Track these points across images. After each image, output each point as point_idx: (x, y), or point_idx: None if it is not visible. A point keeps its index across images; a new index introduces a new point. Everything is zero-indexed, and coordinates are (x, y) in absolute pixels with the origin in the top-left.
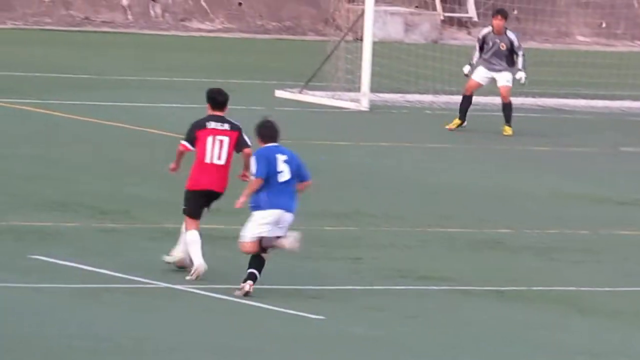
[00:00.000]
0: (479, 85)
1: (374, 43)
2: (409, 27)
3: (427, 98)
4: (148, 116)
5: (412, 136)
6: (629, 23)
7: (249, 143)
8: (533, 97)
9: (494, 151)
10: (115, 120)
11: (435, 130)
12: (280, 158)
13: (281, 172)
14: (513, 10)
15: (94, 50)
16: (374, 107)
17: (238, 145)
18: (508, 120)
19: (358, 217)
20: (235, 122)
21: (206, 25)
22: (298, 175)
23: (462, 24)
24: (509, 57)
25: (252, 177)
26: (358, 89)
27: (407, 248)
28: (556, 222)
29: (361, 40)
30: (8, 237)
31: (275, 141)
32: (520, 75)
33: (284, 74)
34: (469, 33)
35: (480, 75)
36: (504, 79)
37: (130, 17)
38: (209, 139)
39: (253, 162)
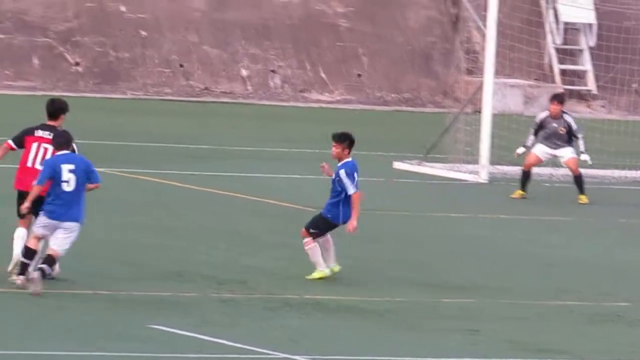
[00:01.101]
0: (539, 161)
1: (493, 115)
2: (528, 99)
3: (546, 171)
4: (265, 186)
5: (530, 209)
6: None
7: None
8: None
9: (612, 224)
10: (232, 190)
11: (552, 203)
12: None
13: None
14: (632, 83)
15: (212, 121)
16: (492, 179)
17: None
18: (582, 191)
19: (475, 289)
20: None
21: (325, 97)
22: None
23: (582, 96)
24: (569, 138)
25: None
26: (477, 161)
27: (524, 320)
28: None
29: (480, 112)
30: (126, 307)
31: None
32: (585, 157)
33: (402, 145)
34: (589, 106)
35: (541, 151)
36: (568, 153)
37: (249, 87)
38: (34, 145)
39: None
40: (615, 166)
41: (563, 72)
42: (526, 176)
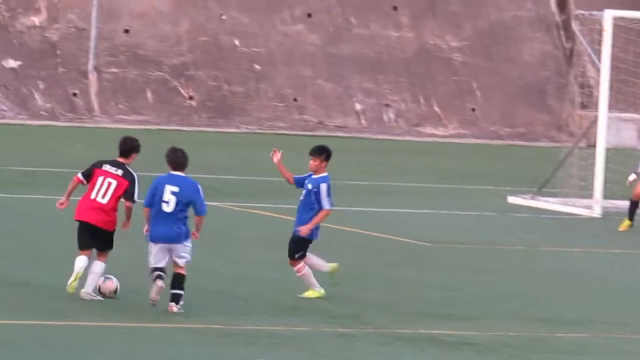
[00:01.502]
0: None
1: (607, 150)
2: None
3: None
4: (379, 221)
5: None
6: None
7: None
8: None
9: None
10: (346, 225)
11: None
12: None
13: None
14: None
15: None
16: (606, 214)
17: (126, 193)
18: None
19: (589, 324)
20: (131, 171)
21: (439, 131)
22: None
23: None
24: None
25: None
26: (590, 196)
27: (638, 355)
28: None
29: (594, 146)
30: (240, 341)
31: None
32: None
33: (516, 180)
34: None
35: None
36: None
37: (363, 122)
38: (100, 179)
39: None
40: None
41: None
42: (635, 206)
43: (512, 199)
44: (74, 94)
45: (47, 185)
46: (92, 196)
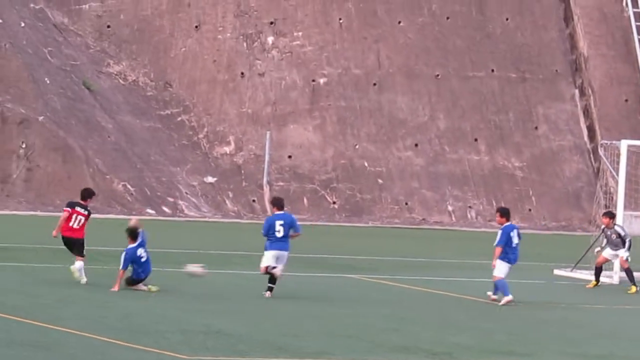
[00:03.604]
0: (606, 260)
1: None
2: None
3: None
4: (465, 287)
5: None
6: None
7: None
8: None
9: None
10: (443, 290)
11: None
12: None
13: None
14: None
15: (428, 242)
16: (623, 281)
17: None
18: (632, 281)
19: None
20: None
21: None
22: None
23: None
24: (622, 241)
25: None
26: (611, 269)
27: None
28: None
29: None
30: None
31: None
32: (625, 254)
33: (561, 258)
34: None
35: (607, 253)
36: (620, 253)
37: (454, 218)
38: (74, 215)
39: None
40: None
41: None
42: (600, 270)
43: (557, 272)
44: (254, 200)
45: (239, 264)
46: (71, 224)
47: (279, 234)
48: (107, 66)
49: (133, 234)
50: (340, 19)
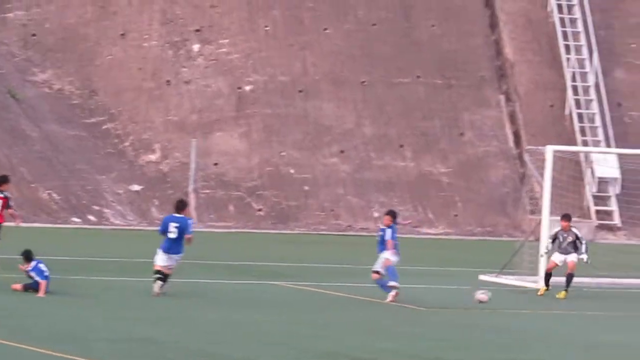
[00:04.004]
0: (556, 265)
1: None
2: None
3: (587, 280)
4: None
5: (578, 305)
6: None
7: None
8: None
9: None
10: (368, 296)
11: (590, 305)
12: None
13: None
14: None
15: (354, 249)
16: (550, 286)
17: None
18: (568, 286)
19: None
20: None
21: (432, 230)
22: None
23: (610, 228)
24: (575, 245)
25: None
26: (536, 274)
27: None
28: None
29: (539, 240)
30: None
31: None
32: (584, 256)
33: (486, 264)
34: (615, 235)
35: (557, 258)
36: (572, 257)
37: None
38: None
39: None
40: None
41: (597, 212)
42: (549, 276)
43: (482, 277)
44: None
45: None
46: None
47: (172, 235)
48: (32, 75)
49: (28, 257)
50: (266, 26)
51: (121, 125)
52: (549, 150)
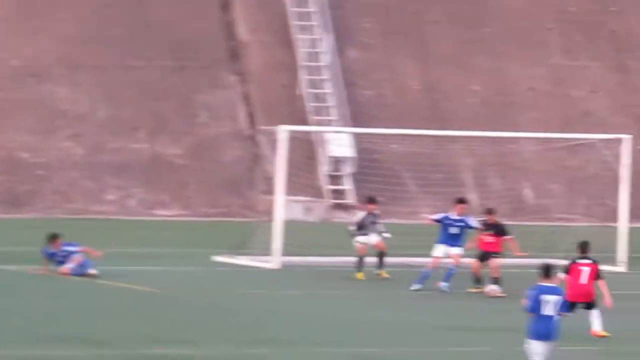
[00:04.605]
0: (363, 247)
1: (283, 222)
2: (307, 210)
3: (323, 260)
4: (128, 276)
5: (310, 285)
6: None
7: None
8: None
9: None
10: (105, 280)
11: (325, 283)
12: None
13: None
14: (379, 197)
15: (90, 233)
16: (284, 266)
17: None
18: (381, 265)
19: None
20: None
21: (167, 212)
22: None
23: (343, 207)
24: (375, 225)
25: None
26: (271, 254)
27: None
28: None
29: (273, 220)
30: None
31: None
32: (386, 235)
33: (221, 245)
34: (349, 214)
35: (364, 240)
36: (376, 237)
37: (114, 208)
38: None
39: None
40: None
41: (332, 191)
42: (362, 260)
43: (217, 258)
44: None
45: None
46: None
47: None
48: None
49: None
50: None
51: None
52: (282, 130)
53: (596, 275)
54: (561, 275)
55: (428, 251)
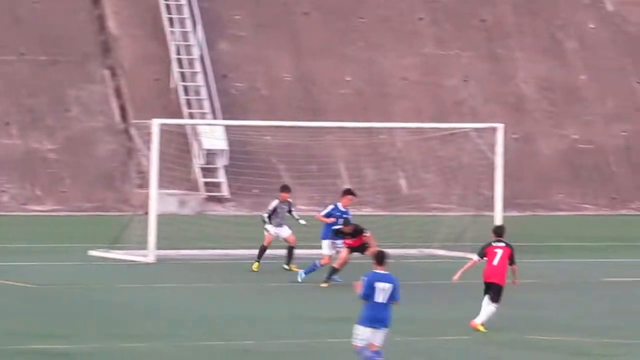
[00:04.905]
0: (272, 238)
1: (157, 216)
2: (182, 203)
3: (197, 253)
4: (6, 272)
5: (185, 278)
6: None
7: None
8: None
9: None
10: None
11: (195, 276)
12: None
13: None
14: (253, 189)
15: None
16: (158, 259)
17: None
18: (291, 259)
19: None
20: None
21: (40, 207)
22: None
23: (218, 200)
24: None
25: None
26: (147, 247)
27: None
28: None
29: (148, 213)
30: None
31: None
32: (302, 222)
33: (96, 239)
34: (224, 206)
35: (275, 231)
36: (287, 231)
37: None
38: None
39: None
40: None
41: (206, 184)
42: (264, 250)
43: (92, 252)
44: None
45: None
46: None
47: None
48: None
49: None
50: None
51: None
52: (155, 124)
53: (509, 258)
54: (474, 258)
55: (307, 243)
